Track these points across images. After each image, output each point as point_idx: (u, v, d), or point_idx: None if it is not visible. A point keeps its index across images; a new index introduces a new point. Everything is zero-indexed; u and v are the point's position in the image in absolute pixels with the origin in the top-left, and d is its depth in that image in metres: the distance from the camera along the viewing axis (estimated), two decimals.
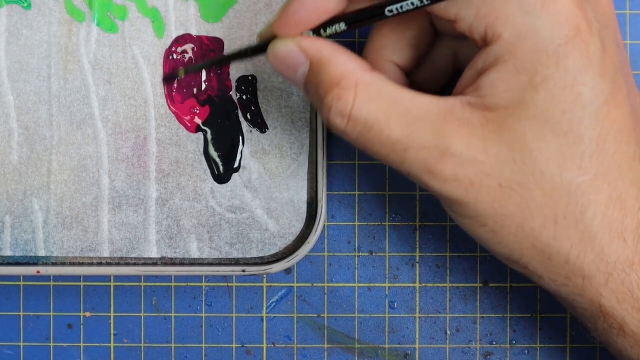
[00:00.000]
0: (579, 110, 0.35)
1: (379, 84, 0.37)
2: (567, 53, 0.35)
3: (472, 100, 0.36)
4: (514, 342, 0.47)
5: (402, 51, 0.41)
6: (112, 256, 0.45)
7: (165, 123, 0.45)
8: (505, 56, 0.35)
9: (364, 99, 0.37)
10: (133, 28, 0.45)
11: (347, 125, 0.37)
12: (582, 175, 0.36)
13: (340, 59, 0.38)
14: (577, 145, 0.36)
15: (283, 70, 0.39)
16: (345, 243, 0.47)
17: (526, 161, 0.36)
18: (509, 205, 0.36)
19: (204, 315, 0.47)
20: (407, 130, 0.36)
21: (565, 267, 0.37)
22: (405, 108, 0.37)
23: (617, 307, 0.37)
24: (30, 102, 0.45)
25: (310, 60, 0.38)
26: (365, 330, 0.47)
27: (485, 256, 0.47)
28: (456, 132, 0.36)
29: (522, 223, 0.37)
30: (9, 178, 0.45)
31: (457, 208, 0.37)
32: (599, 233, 0.37)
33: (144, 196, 0.45)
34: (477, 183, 0.36)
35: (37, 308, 0.47)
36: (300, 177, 0.45)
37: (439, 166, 0.36)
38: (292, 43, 0.38)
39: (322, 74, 0.37)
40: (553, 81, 0.35)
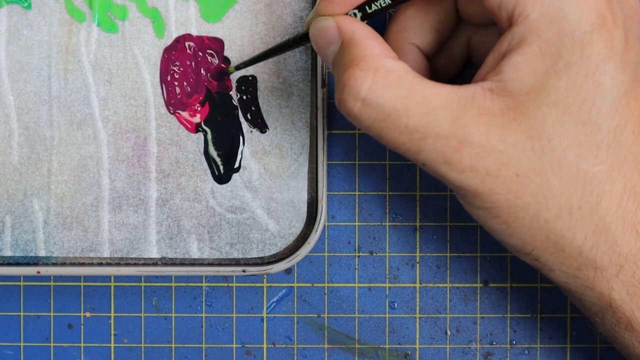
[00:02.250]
0: (599, 99, 0.36)
1: (400, 72, 0.37)
2: (592, 41, 0.35)
3: (494, 86, 0.36)
4: (514, 342, 0.47)
5: (425, 34, 0.41)
6: (112, 256, 0.45)
7: (165, 123, 0.45)
8: (531, 37, 0.35)
9: (382, 84, 0.37)
10: (133, 28, 0.45)
11: (360, 108, 0.37)
12: (598, 164, 0.36)
13: (369, 42, 0.38)
14: (595, 135, 0.36)
15: (318, 44, 0.39)
16: (345, 243, 0.47)
17: (544, 149, 0.36)
18: (524, 196, 0.36)
19: (204, 315, 0.47)
20: (425, 119, 0.36)
21: (577, 258, 0.37)
22: (425, 97, 0.36)
23: (627, 300, 0.37)
24: (30, 102, 0.45)
25: (342, 38, 0.38)
26: (365, 330, 0.47)
27: (485, 256, 0.47)
28: (475, 121, 0.36)
29: (537, 214, 0.37)
30: (9, 178, 0.45)
31: (471, 199, 0.37)
32: (612, 224, 0.37)
33: (144, 196, 0.45)
34: (494, 173, 0.36)
35: (37, 308, 0.47)
36: (300, 177, 0.45)
37: (456, 156, 0.36)
38: (332, 20, 0.39)
39: (347, 53, 0.38)
40: (576, 68, 0.35)
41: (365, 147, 0.46)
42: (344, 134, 0.46)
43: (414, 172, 0.46)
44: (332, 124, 0.46)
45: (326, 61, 0.39)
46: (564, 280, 0.38)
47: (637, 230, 0.37)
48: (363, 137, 0.46)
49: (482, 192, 0.37)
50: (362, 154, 0.46)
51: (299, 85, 0.45)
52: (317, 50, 0.40)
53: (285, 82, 0.45)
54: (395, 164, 0.46)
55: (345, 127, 0.46)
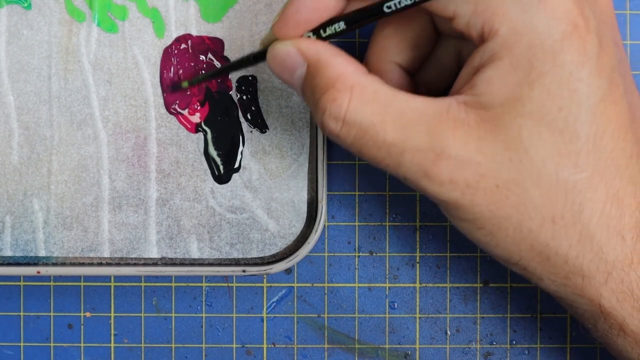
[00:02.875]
0: (575, 106, 0.35)
1: (375, 87, 0.37)
2: (563, 49, 0.35)
3: (468, 99, 0.36)
4: (514, 342, 0.47)
5: (404, 52, 0.41)
6: (112, 256, 0.45)
7: (165, 123, 0.45)
8: (501, 52, 0.35)
9: (359, 101, 0.37)
10: (133, 28, 0.45)
11: (341, 129, 0.37)
12: (578, 172, 0.36)
13: (337, 61, 0.37)
14: (573, 143, 0.36)
15: (281, 72, 0.39)
16: (345, 243, 0.47)
17: (522, 160, 0.36)
18: (505, 207, 0.36)
19: (204, 315, 0.47)
20: (402, 133, 0.36)
21: (564, 267, 0.37)
22: (400, 110, 0.36)
23: (617, 306, 0.37)
24: (30, 102, 0.45)
25: (307, 62, 0.38)
26: (365, 330, 0.47)
27: (485, 256, 0.47)
28: (452, 133, 0.36)
29: (520, 224, 0.37)
30: (9, 178, 0.45)
31: (454, 211, 0.37)
32: (597, 232, 0.36)
33: (144, 196, 0.45)
34: (473, 185, 0.36)
35: (37, 308, 0.47)
36: (300, 177, 0.45)
37: (435, 169, 0.36)
38: (291, 44, 0.38)
39: (318, 76, 0.37)
40: (549, 77, 0.35)
41: None
42: None
43: None
44: None
45: (292, 86, 0.39)
46: (553, 289, 0.38)
47: (622, 236, 0.37)
48: None
49: (464, 204, 0.37)
50: (356, 156, 0.46)
51: None
52: (279, 77, 0.39)
53: None
54: None
55: None
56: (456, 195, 0.36)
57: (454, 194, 0.36)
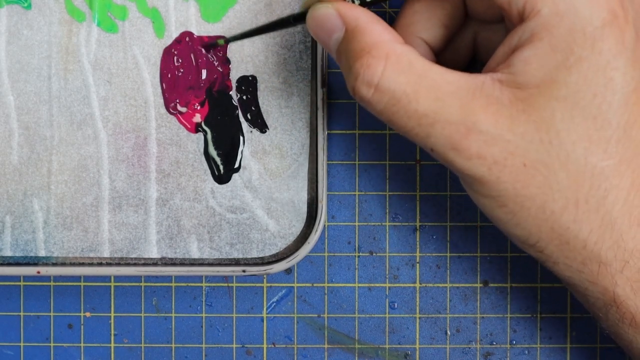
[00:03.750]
0: (609, 94, 0.36)
1: (410, 57, 0.37)
2: (603, 36, 0.35)
3: (503, 78, 0.36)
4: (514, 342, 0.47)
5: (432, 29, 0.41)
6: (112, 256, 0.45)
7: (165, 123, 0.45)
8: (542, 33, 0.35)
9: (394, 70, 0.37)
10: (133, 28, 0.45)
11: (373, 95, 0.37)
12: (606, 159, 0.36)
13: (375, 28, 0.38)
14: (605, 130, 0.36)
15: (319, 33, 0.39)
16: (345, 243, 0.47)
17: (553, 141, 0.36)
18: (531, 186, 0.37)
19: (204, 315, 0.47)
20: (434, 105, 0.36)
21: (582, 252, 0.37)
22: (435, 82, 0.37)
23: (631, 295, 0.37)
24: (30, 102, 0.45)
25: (346, 26, 0.38)
26: (365, 330, 0.47)
27: (485, 256, 0.47)
28: (484, 109, 0.36)
29: (543, 205, 0.37)
30: (9, 178, 0.45)
31: (478, 187, 0.37)
32: (618, 219, 0.37)
33: (144, 196, 0.45)
34: (501, 162, 0.36)
35: (37, 308, 0.47)
36: (300, 177, 0.45)
37: (464, 142, 0.36)
38: (332, 7, 0.38)
39: (355, 41, 0.37)
40: (587, 63, 0.35)
41: (365, 147, 0.46)
42: (344, 134, 0.46)
43: (414, 172, 0.47)
44: (332, 124, 0.46)
45: (328, 49, 0.39)
46: (567, 275, 0.38)
47: None
48: (363, 137, 0.46)
49: (489, 180, 0.37)
50: (362, 154, 0.46)
51: (299, 85, 0.45)
52: (317, 38, 0.39)
53: (285, 82, 0.45)
54: (395, 164, 0.46)
55: (345, 127, 0.46)
56: (483, 170, 0.37)
57: (481, 169, 0.37)
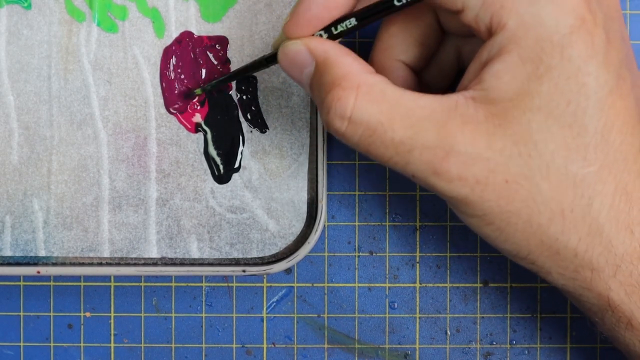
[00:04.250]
0: (583, 100, 0.35)
1: (382, 86, 0.37)
2: (571, 43, 0.35)
3: (476, 95, 0.36)
4: (514, 342, 0.47)
5: (409, 50, 0.41)
6: (112, 256, 0.45)
7: (165, 123, 0.45)
8: (510, 46, 0.35)
9: (366, 100, 0.37)
10: (133, 28, 0.45)
11: (347, 127, 0.37)
12: (587, 166, 0.36)
13: (345, 60, 0.38)
14: (582, 137, 0.36)
15: (291, 70, 0.39)
16: (345, 243, 0.47)
17: (531, 154, 0.36)
18: (515, 201, 0.36)
19: (204, 315, 0.47)
20: (410, 131, 0.36)
21: (573, 260, 0.37)
22: (408, 109, 0.36)
23: (626, 299, 0.37)
24: (30, 102, 0.45)
25: (315, 60, 0.38)
26: (365, 330, 0.47)
27: (485, 256, 0.47)
28: (460, 130, 0.36)
29: (529, 219, 0.37)
30: (9, 178, 0.45)
31: (463, 207, 0.37)
32: (606, 225, 0.37)
33: (144, 196, 0.45)
34: (482, 180, 0.36)
35: (37, 308, 0.47)
36: (300, 177, 0.45)
37: (444, 166, 0.36)
38: (300, 43, 0.38)
39: (326, 74, 0.38)
40: (557, 71, 0.35)
41: None
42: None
43: None
44: None
45: (301, 84, 0.39)
46: (562, 283, 0.38)
47: (631, 229, 0.37)
48: None
49: (473, 201, 0.37)
50: (362, 154, 0.46)
51: (299, 85, 0.45)
52: (289, 74, 0.39)
53: (285, 82, 0.45)
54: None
55: None
56: (465, 191, 0.37)
57: (464, 190, 0.37)
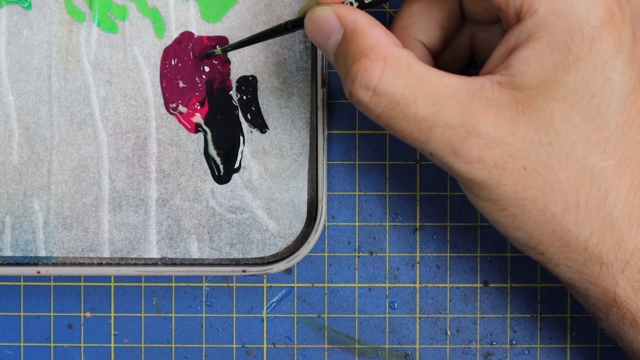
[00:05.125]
0: (607, 94, 0.36)
1: (409, 61, 0.37)
2: (600, 36, 0.35)
3: (502, 79, 0.36)
4: (514, 342, 0.47)
5: (429, 31, 0.41)
6: (112, 256, 0.45)
7: (165, 123, 0.45)
8: (539, 32, 0.35)
9: (392, 73, 0.37)
10: (133, 28, 0.45)
11: (370, 98, 0.37)
12: (606, 159, 0.36)
13: (374, 31, 0.37)
14: (603, 130, 0.36)
15: (317, 36, 0.39)
16: (345, 243, 0.47)
17: (552, 143, 0.36)
18: (531, 189, 0.36)
19: (204, 315, 0.47)
20: (433, 109, 0.36)
21: (583, 253, 0.37)
22: (433, 86, 0.36)
23: (632, 296, 0.37)
24: (30, 102, 0.45)
25: (344, 28, 0.38)
26: (365, 330, 0.47)
27: (485, 256, 0.47)
28: (484, 113, 0.36)
29: (544, 207, 0.37)
30: (9, 178, 0.45)
31: (478, 190, 0.37)
32: (619, 219, 0.37)
33: (144, 196, 0.45)
34: (501, 165, 0.36)
35: (37, 308, 0.47)
36: (300, 177, 0.45)
37: (464, 146, 0.36)
38: (330, 9, 0.38)
39: (353, 44, 0.37)
40: (585, 62, 0.35)
41: (365, 147, 0.46)
42: (344, 134, 0.46)
43: (414, 172, 0.47)
44: (332, 124, 0.46)
45: (326, 52, 0.39)
46: (568, 276, 0.38)
47: None
48: (363, 137, 0.46)
49: (489, 184, 0.37)
50: (362, 154, 0.47)
51: (299, 85, 0.45)
52: (314, 41, 0.39)
53: (285, 82, 0.45)
54: (395, 164, 0.46)
55: (345, 127, 0.46)
56: (483, 174, 0.37)
57: (481, 173, 0.37)
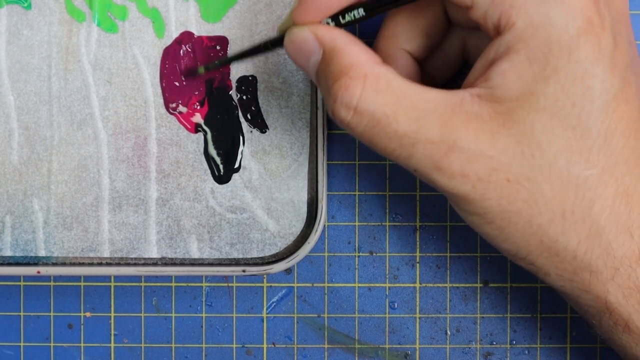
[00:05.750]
0: (588, 103, 0.36)
1: (388, 77, 0.37)
2: (579, 45, 0.35)
3: (482, 92, 0.36)
4: (514, 342, 0.47)
5: (415, 40, 0.41)
6: (112, 256, 0.45)
7: (165, 123, 0.45)
8: (518, 45, 0.35)
9: (372, 91, 0.37)
10: (133, 28, 0.45)
11: (352, 117, 0.37)
12: (589, 168, 0.36)
13: (352, 49, 0.37)
14: (585, 139, 0.36)
15: (297, 57, 0.39)
16: (345, 243, 0.47)
17: (534, 154, 0.36)
18: (516, 201, 0.36)
19: (204, 315, 0.47)
20: (414, 125, 0.36)
21: (572, 262, 0.37)
22: (414, 102, 0.36)
23: (623, 302, 0.37)
24: (30, 102, 0.45)
25: (323, 48, 0.38)
26: (365, 330, 0.47)
27: (485, 256, 0.47)
28: (464, 126, 0.36)
29: (530, 219, 0.37)
30: (9, 178, 0.45)
31: (464, 205, 0.37)
32: (606, 227, 0.37)
33: (144, 196, 0.45)
34: (484, 178, 0.36)
35: (37, 308, 0.47)
36: (300, 177, 0.45)
37: (446, 161, 0.36)
38: (308, 30, 0.38)
39: (333, 63, 0.37)
40: (564, 72, 0.35)
41: (365, 147, 0.46)
42: (344, 134, 0.46)
43: None
44: (332, 124, 0.46)
45: (307, 72, 0.39)
46: (560, 284, 0.38)
47: (630, 233, 0.37)
48: None
49: (474, 198, 0.37)
50: (362, 154, 0.47)
51: (299, 85, 0.45)
52: (295, 62, 0.39)
53: (285, 82, 0.45)
54: (396, 164, 0.46)
55: None
56: (467, 188, 0.36)
57: (465, 187, 0.37)
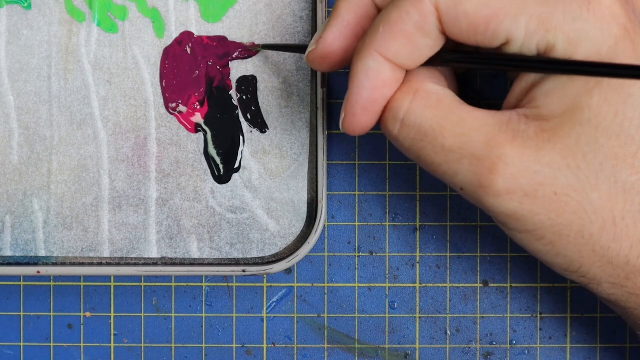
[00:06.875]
0: (630, 111, 0.36)
1: (440, 95, 0.37)
2: (617, 54, 0.35)
3: (528, 112, 0.37)
4: (514, 342, 0.47)
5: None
6: (112, 256, 0.45)
7: (165, 123, 0.45)
8: None
9: (421, 105, 0.37)
10: (133, 28, 0.45)
11: (399, 130, 0.37)
12: (635, 173, 0.36)
13: None
14: (629, 145, 0.36)
15: None
16: (345, 243, 0.47)
17: (580, 165, 0.36)
18: (565, 213, 0.36)
19: (204, 315, 0.47)
20: (460, 140, 0.37)
21: (625, 268, 0.37)
22: (461, 118, 0.37)
23: None
24: (30, 102, 0.45)
25: None
26: (365, 330, 0.47)
27: (485, 256, 0.47)
28: (509, 143, 0.36)
29: (581, 230, 0.37)
30: (9, 178, 0.45)
31: (513, 223, 0.37)
32: None
33: (144, 196, 0.45)
34: (531, 194, 0.36)
35: (37, 308, 0.47)
36: (300, 177, 0.45)
37: (491, 177, 0.36)
38: None
39: None
40: (606, 83, 0.36)
41: (365, 147, 0.46)
42: (344, 134, 0.46)
43: (414, 172, 0.47)
44: (332, 124, 0.46)
45: None
46: (611, 292, 0.39)
47: None
48: (363, 137, 0.46)
49: (523, 215, 0.37)
50: (362, 154, 0.47)
51: (299, 85, 0.45)
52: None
53: (285, 82, 0.45)
54: (395, 164, 0.46)
55: None
56: (514, 205, 0.37)
57: (512, 205, 0.37)
